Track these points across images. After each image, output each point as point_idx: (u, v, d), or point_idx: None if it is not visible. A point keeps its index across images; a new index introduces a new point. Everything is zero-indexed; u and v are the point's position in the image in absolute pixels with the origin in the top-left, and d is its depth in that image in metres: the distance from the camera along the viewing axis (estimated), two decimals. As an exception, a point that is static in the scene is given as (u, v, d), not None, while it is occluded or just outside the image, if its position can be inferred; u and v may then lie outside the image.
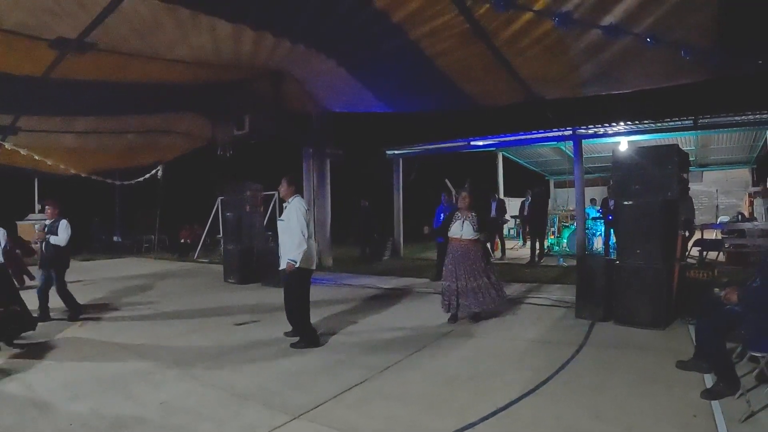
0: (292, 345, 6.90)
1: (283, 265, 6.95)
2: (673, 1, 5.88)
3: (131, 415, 4.72)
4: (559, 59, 7.54)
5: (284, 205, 7.25)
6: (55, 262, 8.76)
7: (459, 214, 8.07)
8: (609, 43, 6.74)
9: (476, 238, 7.95)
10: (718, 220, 19.89)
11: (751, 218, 15.05)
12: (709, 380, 5.06)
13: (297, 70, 9.57)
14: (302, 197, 7.34)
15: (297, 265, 6.76)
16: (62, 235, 8.57)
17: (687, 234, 8.81)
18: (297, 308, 7.06)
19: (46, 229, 8.65)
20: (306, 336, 6.98)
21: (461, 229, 7.92)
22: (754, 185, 22.24)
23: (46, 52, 7.06)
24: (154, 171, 18.17)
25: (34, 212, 21.44)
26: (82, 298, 9.49)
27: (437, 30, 6.94)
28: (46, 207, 9.14)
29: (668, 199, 7.55)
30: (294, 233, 6.86)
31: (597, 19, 6.28)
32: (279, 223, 7.29)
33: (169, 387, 5.48)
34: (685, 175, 7.89)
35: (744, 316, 4.78)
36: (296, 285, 6.99)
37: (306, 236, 6.86)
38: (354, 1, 6.13)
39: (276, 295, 10.55)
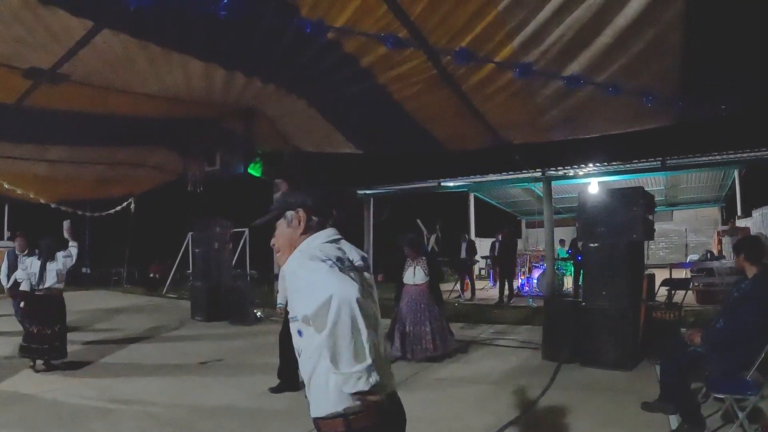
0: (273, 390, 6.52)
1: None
2: (638, 48, 6.04)
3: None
4: (526, 105, 7.66)
5: None
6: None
7: (409, 261, 8.42)
8: (573, 90, 6.88)
9: (427, 281, 8.28)
10: (688, 259, 20.15)
11: (720, 256, 15.26)
12: (674, 421, 5.10)
13: (268, 108, 9.61)
14: None
15: None
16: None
17: None
18: None
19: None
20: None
21: (413, 275, 8.29)
22: (723, 224, 22.62)
23: (20, 81, 7.06)
24: (125, 203, 18.04)
25: (2, 239, 21.13)
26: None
27: (405, 75, 7.03)
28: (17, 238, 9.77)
29: (633, 241, 7.66)
30: None
31: (561, 67, 6.43)
32: None
33: (127, 424, 5.43)
34: (650, 217, 8.02)
35: (707, 357, 4.86)
36: None
37: None
38: (323, 44, 6.20)
39: (242, 334, 10.51)
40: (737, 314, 4.89)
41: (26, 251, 9.39)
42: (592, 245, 7.84)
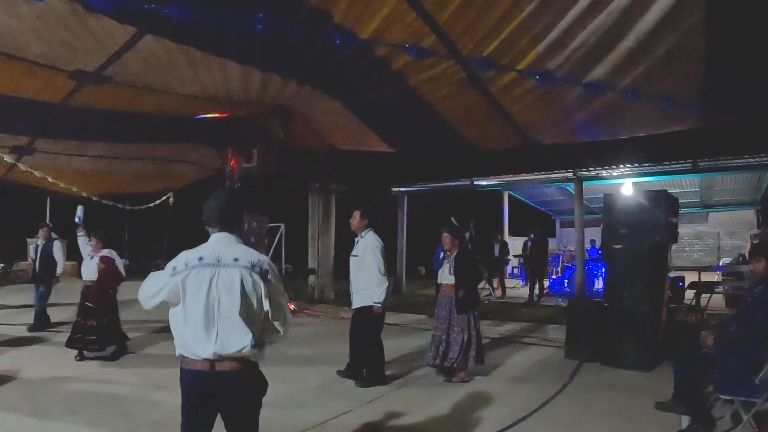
0: (360, 384, 6.63)
1: (357, 303, 6.74)
2: (661, 52, 6.14)
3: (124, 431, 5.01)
4: (553, 107, 7.77)
5: (356, 239, 6.98)
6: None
7: (446, 255, 7.19)
8: (597, 93, 6.99)
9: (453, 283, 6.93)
10: (720, 262, 19.83)
11: (752, 260, 14.94)
12: (685, 421, 5.17)
13: (304, 108, 9.86)
14: (375, 231, 6.96)
15: (382, 306, 6.60)
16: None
17: None
18: (374, 347, 6.82)
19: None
20: (378, 376, 6.79)
21: (443, 273, 7.11)
22: (758, 227, 22.09)
23: (65, 81, 7.34)
24: (165, 197, 18.44)
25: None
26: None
27: (435, 78, 7.21)
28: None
29: (656, 243, 7.73)
30: (371, 271, 6.60)
31: (587, 70, 6.55)
32: (352, 259, 6.94)
33: (163, 407, 5.69)
34: (674, 220, 8.04)
35: (718, 359, 4.95)
36: (377, 325, 6.80)
37: (384, 274, 6.62)
38: (355, 49, 6.41)
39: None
40: (749, 318, 4.97)
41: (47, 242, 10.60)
42: (615, 246, 7.92)
